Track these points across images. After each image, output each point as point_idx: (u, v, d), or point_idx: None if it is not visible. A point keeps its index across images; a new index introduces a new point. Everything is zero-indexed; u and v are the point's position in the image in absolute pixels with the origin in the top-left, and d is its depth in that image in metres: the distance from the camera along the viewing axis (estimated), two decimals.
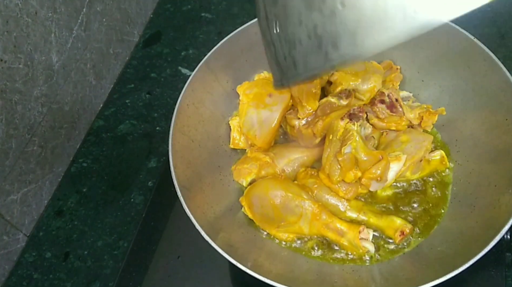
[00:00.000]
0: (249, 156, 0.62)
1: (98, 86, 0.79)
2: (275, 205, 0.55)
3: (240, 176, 0.61)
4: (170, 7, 0.97)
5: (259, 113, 0.61)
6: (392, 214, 0.57)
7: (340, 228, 0.54)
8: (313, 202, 0.55)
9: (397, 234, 0.54)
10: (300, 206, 0.54)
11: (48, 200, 0.70)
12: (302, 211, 0.54)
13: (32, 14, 0.60)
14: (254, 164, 0.60)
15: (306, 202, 0.55)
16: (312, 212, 0.54)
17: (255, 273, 0.46)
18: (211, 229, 0.50)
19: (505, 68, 0.54)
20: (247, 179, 0.61)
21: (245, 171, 0.61)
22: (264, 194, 0.55)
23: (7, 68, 0.57)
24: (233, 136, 0.64)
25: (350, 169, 0.54)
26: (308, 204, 0.54)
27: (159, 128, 0.78)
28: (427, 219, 0.57)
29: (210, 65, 0.62)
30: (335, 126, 0.56)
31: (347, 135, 0.54)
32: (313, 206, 0.54)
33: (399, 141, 0.59)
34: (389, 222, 0.55)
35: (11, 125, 0.60)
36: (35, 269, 0.64)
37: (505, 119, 0.54)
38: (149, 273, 0.62)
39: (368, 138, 0.60)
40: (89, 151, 0.76)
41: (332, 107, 0.58)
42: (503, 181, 0.52)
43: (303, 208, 0.54)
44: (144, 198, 0.69)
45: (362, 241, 0.53)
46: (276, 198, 0.55)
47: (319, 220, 0.54)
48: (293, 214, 0.55)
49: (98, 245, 0.66)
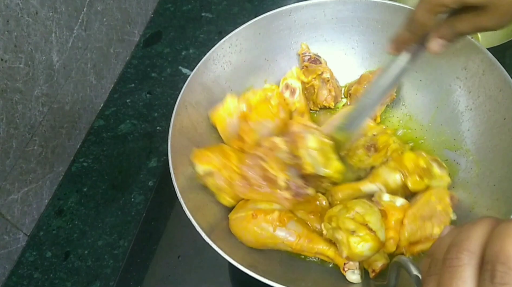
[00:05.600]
0: (222, 148, 0.58)
1: (98, 86, 0.80)
2: (254, 244, 0.54)
3: (198, 159, 0.56)
4: (170, 7, 0.97)
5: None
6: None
7: (326, 255, 0.53)
8: (288, 243, 0.53)
9: (370, 269, 0.52)
10: (279, 246, 0.54)
11: (49, 199, 0.71)
12: (282, 247, 0.54)
13: (33, 14, 0.60)
14: (219, 158, 0.56)
15: (282, 244, 0.53)
16: (292, 246, 0.53)
17: (255, 273, 0.46)
18: (211, 229, 0.50)
19: (502, 67, 0.54)
20: (204, 167, 0.55)
21: (206, 158, 0.55)
22: (240, 235, 0.54)
23: (8, 68, 0.57)
24: (218, 109, 0.60)
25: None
26: (285, 245, 0.53)
27: (159, 128, 0.78)
28: None
29: (209, 66, 0.62)
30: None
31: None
32: (291, 243, 0.53)
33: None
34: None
35: (11, 124, 0.60)
36: (35, 268, 0.64)
37: (504, 118, 0.54)
38: (149, 273, 0.62)
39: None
40: (89, 151, 0.76)
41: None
42: (503, 180, 0.52)
43: (283, 245, 0.53)
44: (144, 198, 0.70)
45: (348, 272, 0.51)
46: (251, 242, 0.54)
47: (302, 248, 0.53)
48: (276, 248, 0.55)
49: (98, 244, 0.66)
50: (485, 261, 0.24)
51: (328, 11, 0.65)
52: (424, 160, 0.56)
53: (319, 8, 0.65)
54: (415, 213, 0.53)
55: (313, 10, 0.65)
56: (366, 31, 0.66)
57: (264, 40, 0.66)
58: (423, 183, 0.55)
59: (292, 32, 0.67)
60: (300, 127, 0.56)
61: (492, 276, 0.23)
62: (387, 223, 0.53)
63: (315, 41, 0.68)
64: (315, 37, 0.68)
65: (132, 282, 0.62)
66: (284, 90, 0.65)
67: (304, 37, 0.67)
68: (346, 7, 0.65)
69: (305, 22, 0.66)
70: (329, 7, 0.65)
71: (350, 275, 0.51)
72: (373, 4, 0.63)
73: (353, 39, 0.67)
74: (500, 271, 0.23)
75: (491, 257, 0.24)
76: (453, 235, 0.27)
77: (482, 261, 0.25)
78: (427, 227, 0.52)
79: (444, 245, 0.27)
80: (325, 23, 0.66)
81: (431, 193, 0.54)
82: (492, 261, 0.24)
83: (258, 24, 0.64)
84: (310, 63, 0.65)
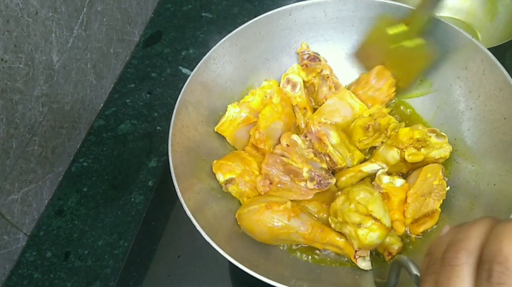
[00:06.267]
0: (240, 155, 0.60)
1: (98, 86, 0.80)
2: (267, 236, 0.54)
3: (220, 170, 0.58)
4: (170, 7, 0.97)
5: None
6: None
7: (336, 245, 0.54)
8: (301, 233, 0.54)
9: (386, 253, 0.53)
10: (292, 237, 0.54)
11: (49, 199, 0.70)
12: (295, 238, 0.54)
13: (33, 14, 0.60)
14: (240, 165, 0.58)
15: (295, 234, 0.54)
16: (305, 236, 0.54)
17: (255, 273, 0.46)
18: (211, 229, 0.50)
19: (503, 67, 0.54)
20: (226, 176, 0.58)
21: (227, 167, 0.58)
22: (251, 229, 0.54)
23: (8, 68, 0.57)
24: (222, 121, 0.61)
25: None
26: (298, 235, 0.54)
27: (159, 128, 0.78)
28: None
29: (209, 65, 0.62)
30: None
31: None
32: (304, 233, 0.54)
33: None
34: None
35: (11, 125, 0.60)
36: (35, 268, 0.64)
37: (504, 118, 0.54)
38: (149, 273, 0.62)
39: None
40: (89, 151, 0.76)
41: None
42: (503, 180, 0.52)
43: (296, 236, 0.54)
44: (144, 198, 0.70)
45: (359, 259, 0.52)
46: (265, 234, 0.54)
47: (315, 238, 0.54)
48: (287, 240, 0.56)
49: (98, 244, 0.66)
50: (482, 261, 0.25)
51: (329, 10, 0.65)
52: (419, 132, 0.57)
53: (320, 8, 0.65)
54: (416, 191, 0.55)
55: (313, 9, 0.65)
56: (367, 30, 0.66)
57: (264, 40, 0.66)
58: (420, 154, 0.56)
59: (293, 32, 0.67)
60: (319, 126, 0.59)
61: (489, 275, 0.24)
62: (391, 205, 0.55)
63: (315, 41, 0.68)
64: (316, 36, 0.68)
65: (132, 282, 0.62)
66: (285, 85, 0.65)
67: (304, 36, 0.67)
68: (347, 7, 0.65)
69: (305, 21, 0.66)
70: (329, 7, 0.65)
71: (361, 262, 0.53)
72: (374, 4, 0.63)
73: (354, 39, 0.67)
74: (497, 270, 0.23)
75: (488, 256, 0.24)
76: (452, 235, 0.28)
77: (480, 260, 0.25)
78: (429, 202, 0.55)
79: (443, 244, 0.28)
80: (326, 22, 0.66)
81: (427, 171, 0.56)
82: (490, 260, 0.24)
83: (258, 24, 0.64)
84: (309, 61, 0.65)
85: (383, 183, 0.56)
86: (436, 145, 0.57)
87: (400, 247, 0.53)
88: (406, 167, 0.59)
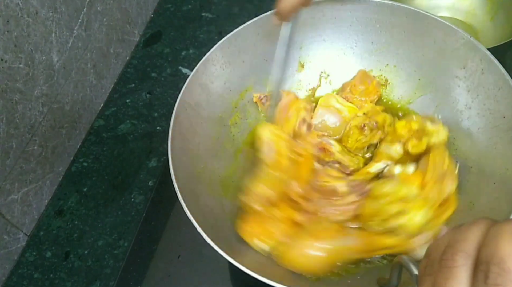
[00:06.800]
0: (261, 214, 0.53)
1: (98, 86, 0.80)
2: (327, 266, 0.51)
3: (254, 237, 0.52)
4: (170, 7, 0.97)
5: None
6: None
7: (387, 246, 0.51)
8: (355, 248, 0.50)
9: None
10: (346, 256, 0.51)
11: (49, 199, 0.71)
12: (349, 255, 0.51)
13: (33, 14, 0.60)
14: (279, 226, 0.52)
15: (349, 251, 0.51)
16: (358, 250, 0.51)
17: (256, 273, 0.46)
18: (211, 229, 0.50)
19: (502, 66, 0.54)
20: (266, 243, 0.52)
21: (266, 234, 0.52)
22: (306, 265, 0.51)
23: (8, 68, 0.57)
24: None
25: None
26: (352, 252, 0.51)
27: (159, 128, 0.78)
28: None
29: (208, 66, 0.62)
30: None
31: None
32: (358, 247, 0.51)
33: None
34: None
35: (11, 125, 0.60)
36: (35, 268, 0.64)
37: (503, 117, 0.54)
38: (149, 273, 0.62)
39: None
40: (89, 151, 0.76)
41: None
42: (503, 179, 0.52)
43: (350, 253, 0.51)
44: (144, 198, 0.70)
45: (421, 249, 0.51)
46: (324, 265, 0.50)
47: (368, 248, 0.52)
48: (343, 261, 0.52)
49: (98, 244, 0.66)
50: (479, 262, 0.25)
51: (327, 11, 0.65)
52: (415, 122, 0.58)
53: (318, 8, 0.65)
54: (431, 178, 0.54)
55: (311, 10, 0.65)
56: (365, 30, 0.66)
57: (263, 40, 0.66)
58: (422, 143, 0.56)
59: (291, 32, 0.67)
60: (317, 138, 0.59)
61: (486, 277, 0.24)
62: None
63: (313, 41, 0.68)
64: (314, 37, 0.68)
65: (132, 282, 0.62)
66: (301, 126, 0.63)
67: (302, 37, 0.67)
68: (345, 7, 0.65)
69: (303, 22, 0.66)
70: (328, 7, 0.65)
71: (424, 250, 0.52)
72: (372, 4, 0.63)
73: (352, 39, 0.67)
74: (493, 272, 0.23)
75: (485, 258, 0.24)
76: (450, 236, 0.28)
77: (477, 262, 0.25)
78: (447, 185, 0.54)
79: (441, 245, 0.28)
80: (324, 23, 0.66)
81: (434, 156, 0.56)
82: (486, 262, 0.24)
83: (258, 24, 0.64)
84: (266, 99, 0.65)
85: (396, 174, 0.56)
86: (433, 131, 0.58)
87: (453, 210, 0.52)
88: (409, 159, 0.59)
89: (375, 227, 0.52)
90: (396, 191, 0.50)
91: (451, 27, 0.59)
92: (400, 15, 0.61)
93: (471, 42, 0.57)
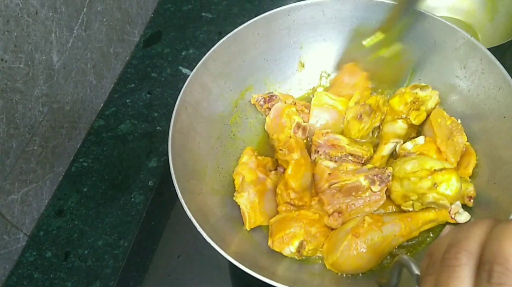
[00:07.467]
0: (285, 218, 0.55)
1: (98, 86, 0.80)
2: (374, 260, 0.52)
3: (284, 244, 0.53)
4: (170, 7, 0.97)
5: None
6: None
7: (430, 220, 0.53)
8: (399, 234, 0.51)
9: (467, 199, 0.53)
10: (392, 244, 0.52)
11: (49, 199, 0.71)
12: (395, 243, 0.53)
13: (33, 14, 0.60)
14: (299, 224, 0.53)
15: (394, 239, 0.52)
16: (403, 234, 0.52)
17: (255, 273, 0.46)
18: (211, 229, 0.50)
19: (502, 66, 0.54)
20: (294, 243, 0.53)
21: (289, 236, 0.53)
22: (357, 265, 0.51)
23: (8, 68, 0.57)
24: (247, 217, 0.56)
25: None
26: (397, 237, 0.52)
27: (159, 128, 0.78)
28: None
29: (208, 66, 0.62)
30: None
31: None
32: (402, 232, 0.51)
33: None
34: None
35: (11, 125, 0.60)
36: (35, 268, 0.64)
37: (503, 117, 0.54)
38: (149, 273, 0.62)
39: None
40: (89, 151, 0.76)
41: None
42: (503, 179, 0.52)
43: (395, 240, 0.52)
44: (144, 198, 0.70)
45: (457, 216, 0.52)
46: (371, 260, 0.51)
47: (411, 229, 0.52)
48: (390, 251, 0.53)
49: (98, 244, 0.66)
50: (482, 262, 0.25)
51: (327, 10, 0.65)
52: (408, 94, 0.59)
53: (318, 8, 0.65)
54: (442, 139, 0.56)
55: (312, 9, 0.65)
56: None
57: (263, 40, 0.66)
58: (422, 111, 0.58)
59: (291, 32, 0.67)
60: (322, 136, 0.60)
61: (490, 276, 0.24)
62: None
63: (314, 41, 0.68)
64: (314, 36, 0.68)
65: (132, 282, 0.62)
66: (296, 130, 0.63)
67: (303, 36, 0.67)
68: (345, 7, 0.65)
69: (304, 21, 0.66)
70: (328, 7, 0.65)
71: (460, 217, 0.52)
72: (372, 4, 0.63)
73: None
74: (497, 271, 0.23)
75: (488, 257, 0.24)
76: (452, 235, 0.28)
77: (480, 261, 0.25)
78: (458, 140, 0.56)
79: (443, 244, 0.28)
80: (324, 22, 0.66)
81: (435, 118, 0.58)
82: (490, 261, 0.24)
83: (258, 24, 0.64)
84: (268, 103, 0.65)
85: (409, 150, 0.57)
86: (426, 97, 0.59)
87: (475, 189, 0.53)
88: (414, 131, 0.61)
89: (416, 206, 0.53)
90: (421, 166, 0.51)
91: (451, 27, 0.59)
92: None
93: (471, 42, 0.57)
